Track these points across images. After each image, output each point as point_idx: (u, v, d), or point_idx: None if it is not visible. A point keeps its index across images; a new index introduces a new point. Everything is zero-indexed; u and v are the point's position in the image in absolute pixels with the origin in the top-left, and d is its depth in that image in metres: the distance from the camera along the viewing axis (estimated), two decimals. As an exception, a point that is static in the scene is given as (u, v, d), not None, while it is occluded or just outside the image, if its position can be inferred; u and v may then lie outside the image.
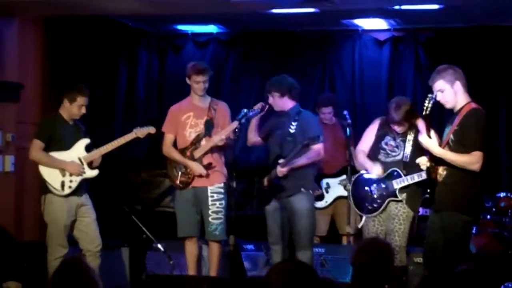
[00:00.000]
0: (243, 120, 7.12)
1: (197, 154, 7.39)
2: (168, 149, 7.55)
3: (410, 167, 6.99)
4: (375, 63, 9.89)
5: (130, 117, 10.11)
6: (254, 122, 7.44)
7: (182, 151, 7.48)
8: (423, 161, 6.37)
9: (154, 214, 8.91)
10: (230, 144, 7.30)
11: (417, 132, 6.96)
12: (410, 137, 7.06)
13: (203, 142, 7.41)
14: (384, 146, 7.17)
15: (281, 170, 7.16)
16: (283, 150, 7.25)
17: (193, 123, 7.48)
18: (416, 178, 6.96)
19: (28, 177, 8.46)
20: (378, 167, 7.11)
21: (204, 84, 7.43)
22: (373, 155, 7.23)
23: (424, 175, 6.75)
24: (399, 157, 7.10)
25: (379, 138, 7.21)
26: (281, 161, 7.17)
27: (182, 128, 7.50)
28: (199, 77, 7.40)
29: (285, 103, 7.34)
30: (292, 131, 7.25)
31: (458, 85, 6.13)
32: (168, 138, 7.56)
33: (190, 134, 7.48)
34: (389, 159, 7.14)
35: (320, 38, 10.09)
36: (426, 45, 9.72)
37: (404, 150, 7.07)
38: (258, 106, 7.29)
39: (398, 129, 7.10)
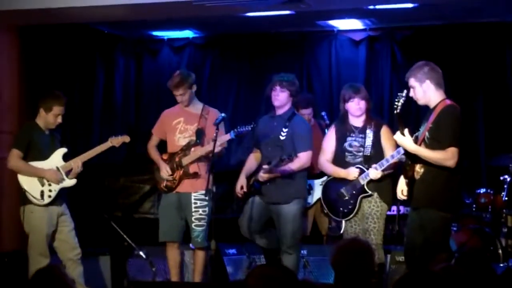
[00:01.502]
0: (231, 135, 7.11)
1: (185, 161, 7.40)
2: (149, 148, 7.67)
3: (372, 161, 7.06)
4: (351, 63, 9.90)
5: (108, 122, 10.08)
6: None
7: (172, 156, 7.51)
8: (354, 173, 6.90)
9: (134, 220, 8.88)
10: (221, 154, 7.33)
11: (374, 125, 7.03)
12: (369, 131, 7.10)
13: (193, 149, 7.42)
14: (349, 148, 7.20)
15: (261, 175, 7.22)
16: (272, 155, 7.27)
17: (183, 129, 7.49)
18: (378, 167, 7.00)
19: (6, 186, 8.41)
20: (353, 170, 7.15)
21: (183, 97, 7.44)
22: (340, 159, 7.24)
23: (385, 163, 6.93)
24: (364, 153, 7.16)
25: (340, 141, 7.23)
26: (265, 166, 7.19)
27: (172, 133, 7.53)
28: (176, 92, 7.46)
29: (286, 104, 7.34)
30: (282, 137, 7.29)
31: (427, 84, 6.16)
32: (153, 139, 7.68)
33: (179, 139, 7.49)
34: (357, 159, 7.17)
35: (296, 39, 10.09)
36: (402, 43, 9.74)
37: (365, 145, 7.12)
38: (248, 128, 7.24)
39: (354, 119, 7.13)
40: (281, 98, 7.32)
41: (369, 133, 7.12)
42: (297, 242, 7.39)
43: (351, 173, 7.14)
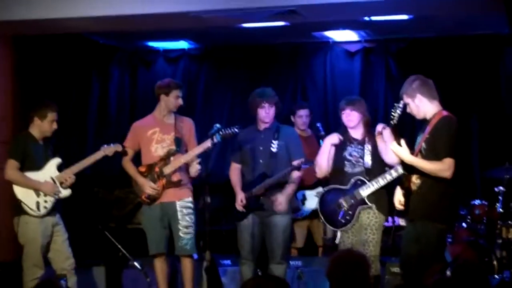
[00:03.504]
0: (216, 138, 7.10)
1: (167, 170, 7.36)
2: (124, 163, 7.57)
3: (372, 173, 7.05)
4: (346, 74, 9.92)
5: (102, 133, 10.06)
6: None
7: (150, 167, 7.45)
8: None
9: (128, 231, 8.85)
10: (199, 175, 7.32)
11: (373, 137, 7.04)
12: (368, 145, 7.11)
13: (172, 158, 7.39)
14: (349, 157, 7.20)
15: (259, 189, 7.28)
16: (265, 168, 7.35)
17: (160, 139, 7.47)
18: (380, 181, 7.00)
19: (0, 196, 8.38)
20: (333, 135, 7.22)
21: (178, 100, 7.44)
22: (339, 168, 7.22)
23: (388, 177, 6.92)
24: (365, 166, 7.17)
25: (340, 149, 7.23)
26: (268, 180, 7.29)
27: (147, 144, 7.48)
28: (180, 92, 7.45)
29: (273, 117, 7.41)
30: (274, 150, 7.34)
31: (419, 98, 6.18)
32: (128, 152, 7.56)
33: (157, 149, 7.46)
34: (356, 169, 7.16)
35: (292, 50, 10.10)
36: (397, 55, 9.76)
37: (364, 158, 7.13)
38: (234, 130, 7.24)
39: (352, 131, 7.16)
40: (271, 114, 7.42)
41: (368, 146, 7.12)
42: (287, 252, 7.51)
43: (331, 137, 7.21)
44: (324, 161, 7.23)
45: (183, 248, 7.38)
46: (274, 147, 7.35)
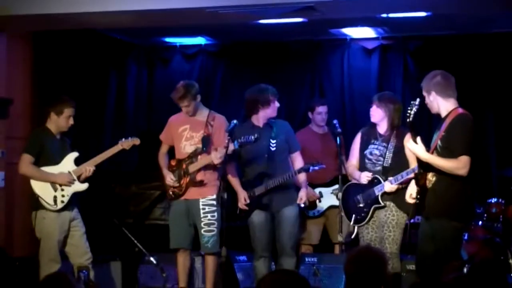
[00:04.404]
0: (234, 146, 7.15)
1: (192, 168, 7.43)
2: (159, 155, 7.71)
3: (390, 171, 7.07)
4: (364, 71, 9.88)
5: (119, 129, 10.08)
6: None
7: (179, 162, 7.52)
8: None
9: (145, 227, 8.88)
10: (226, 161, 7.29)
11: (399, 136, 7.03)
12: (393, 142, 7.11)
13: (199, 157, 7.42)
14: (370, 157, 7.25)
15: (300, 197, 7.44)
16: (268, 168, 7.43)
17: (189, 136, 7.52)
18: (393, 182, 7.00)
19: (18, 192, 8.42)
20: (366, 174, 7.20)
21: (188, 108, 7.47)
22: (361, 165, 7.32)
23: (399, 178, 6.97)
24: (384, 165, 7.17)
25: (363, 147, 7.28)
26: (270, 181, 7.37)
27: (178, 140, 7.55)
28: (181, 104, 7.50)
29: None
30: (273, 148, 7.37)
31: (433, 95, 6.20)
32: (163, 146, 7.72)
33: (185, 146, 7.51)
34: (377, 168, 7.21)
35: (309, 47, 10.08)
36: (414, 53, 9.72)
37: (386, 156, 7.13)
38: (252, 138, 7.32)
39: (380, 127, 7.13)
40: (273, 112, 7.53)
41: (392, 143, 7.14)
42: (296, 244, 7.61)
43: (363, 176, 7.20)
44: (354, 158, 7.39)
45: (204, 246, 7.43)
46: (273, 146, 7.40)
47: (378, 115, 7.22)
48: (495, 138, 9.36)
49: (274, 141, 7.41)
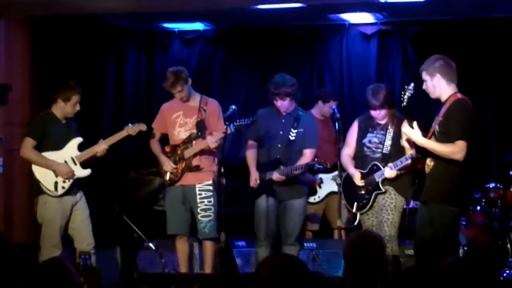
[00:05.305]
0: (230, 129, 7.12)
1: (187, 154, 7.42)
2: (151, 143, 7.68)
3: (390, 158, 7.08)
4: (363, 57, 9.87)
5: (118, 115, 10.08)
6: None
7: (174, 148, 7.52)
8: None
9: (144, 213, 8.89)
10: (221, 145, 7.29)
11: (397, 123, 7.02)
12: (391, 129, 7.11)
13: (194, 142, 7.42)
14: (369, 145, 7.23)
15: (279, 177, 7.32)
16: (281, 152, 7.36)
17: (182, 122, 7.50)
18: (393, 167, 7.00)
19: (17, 178, 8.43)
20: (357, 176, 7.21)
21: (182, 94, 7.44)
22: (359, 153, 7.29)
23: (399, 164, 6.94)
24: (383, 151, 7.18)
25: (362, 135, 7.26)
26: (281, 168, 7.31)
27: (172, 127, 7.53)
28: (174, 90, 7.45)
29: (291, 105, 7.39)
30: (292, 138, 7.38)
31: (438, 78, 6.14)
32: (155, 134, 7.67)
33: (179, 133, 7.50)
34: (376, 155, 7.20)
35: (308, 33, 10.06)
36: (413, 38, 9.70)
37: (385, 143, 7.14)
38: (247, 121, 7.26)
39: (379, 115, 7.12)
40: (286, 105, 7.40)
41: (390, 131, 7.13)
42: (301, 234, 7.58)
43: (356, 177, 7.21)
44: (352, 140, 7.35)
45: (201, 231, 7.43)
46: (292, 135, 7.38)
47: (381, 116, 7.20)
48: (495, 123, 9.36)
49: (295, 131, 7.38)
